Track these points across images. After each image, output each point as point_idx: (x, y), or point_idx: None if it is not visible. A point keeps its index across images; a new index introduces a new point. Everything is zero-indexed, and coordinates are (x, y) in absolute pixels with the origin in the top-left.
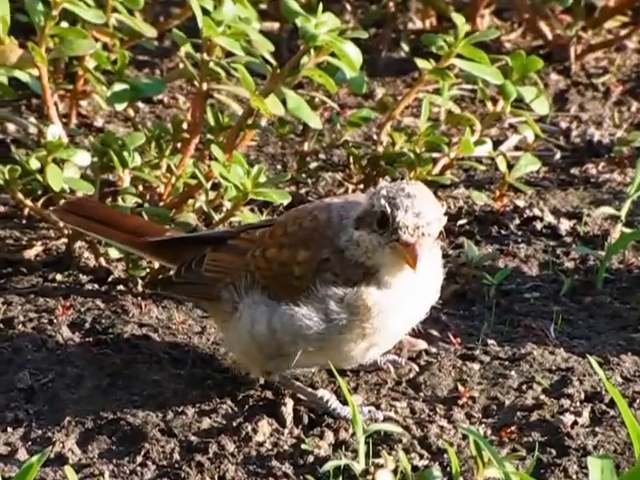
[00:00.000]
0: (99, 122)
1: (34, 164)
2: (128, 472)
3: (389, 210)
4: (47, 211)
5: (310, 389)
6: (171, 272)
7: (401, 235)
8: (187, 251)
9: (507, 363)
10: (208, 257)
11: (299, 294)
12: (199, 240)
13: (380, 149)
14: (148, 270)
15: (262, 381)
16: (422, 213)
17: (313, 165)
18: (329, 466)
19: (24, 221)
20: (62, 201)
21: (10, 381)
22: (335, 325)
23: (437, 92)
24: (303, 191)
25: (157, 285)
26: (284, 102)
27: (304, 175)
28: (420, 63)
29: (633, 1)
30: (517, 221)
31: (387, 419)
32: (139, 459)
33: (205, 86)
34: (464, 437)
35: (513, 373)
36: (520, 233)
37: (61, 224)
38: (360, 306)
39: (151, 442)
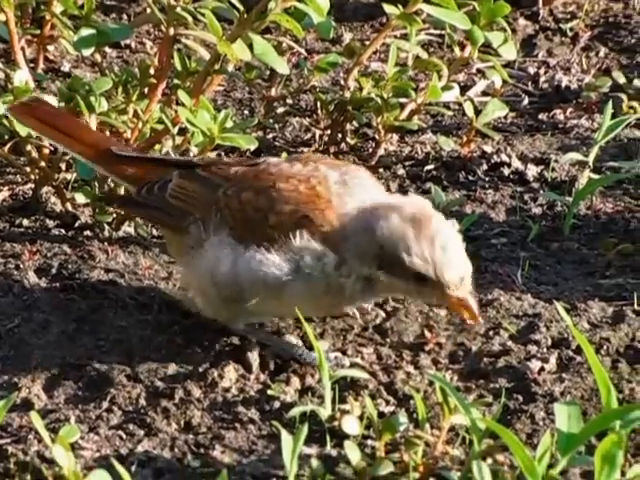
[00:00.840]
0: (66, 67)
1: (0, 109)
2: (94, 417)
3: (431, 272)
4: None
5: (275, 336)
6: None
7: (451, 292)
8: (150, 172)
9: None
10: (175, 183)
11: (270, 241)
12: (164, 163)
13: (347, 94)
14: (115, 216)
15: (228, 328)
16: (461, 264)
17: (280, 110)
18: (295, 412)
19: None
20: (18, 101)
21: None
22: (304, 279)
23: (405, 37)
24: (270, 136)
25: (114, 201)
26: (251, 47)
27: (271, 120)
28: (388, 8)
29: None
30: (484, 167)
31: (353, 365)
32: (105, 404)
33: (172, 31)
34: (430, 383)
35: (480, 319)
36: (487, 179)
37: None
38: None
39: (117, 387)
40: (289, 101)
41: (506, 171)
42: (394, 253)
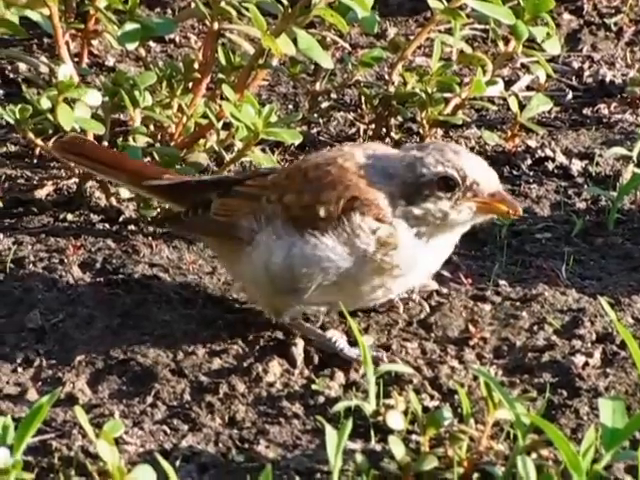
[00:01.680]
0: (110, 62)
1: (45, 103)
2: (138, 412)
3: (453, 172)
4: (50, 148)
5: (319, 330)
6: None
7: (482, 189)
8: (190, 194)
9: (518, 304)
10: (215, 203)
11: (322, 229)
12: (200, 184)
13: (392, 89)
14: (159, 210)
15: (273, 321)
16: (482, 163)
17: (325, 105)
18: (340, 407)
19: (35, 161)
20: (55, 139)
21: (20, 321)
22: (360, 258)
23: (449, 32)
24: (314, 131)
25: (165, 222)
26: (295, 42)
27: (316, 115)
28: (432, 3)
29: None
30: (529, 161)
31: (391, 361)
32: (149, 399)
33: (216, 25)
34: (475, 378)
35: (524, 314)
36: (532, 173)
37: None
38: (391, 242)
39: (161, 382)
40: (333, 96)
41: (550, 166)
42: (413, 175)
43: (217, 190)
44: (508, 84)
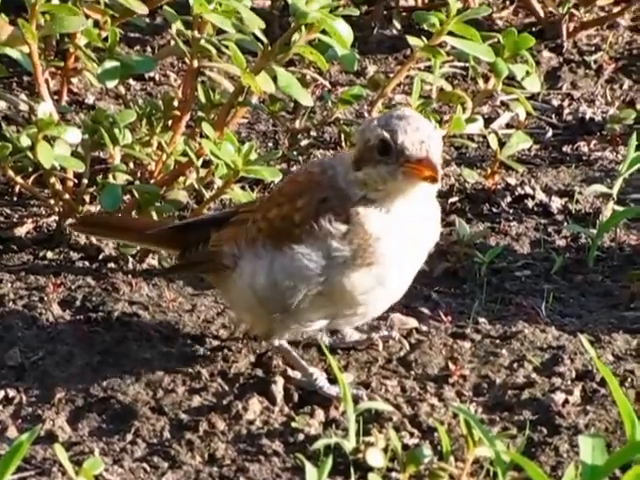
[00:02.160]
0: (90, 99)
1: (25, 141)
2: (118, 450)
3: (387, 135)
4: (67, 225)
5: (303, 362)
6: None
7: (410, 153)
8: (192, 236)
9: (498, 341)
10: (213, 237)
11: (300, 236)
12: (203, 224)
13: None
14: (139, 248)
15: (253, 359)
16: (420, 128)
17: (304, 142)
18: (319, 444)
19: (15, 198)
20: (77, 217)
21: (0, 358)
22: (337, 262)
23: (429, 69)
24: (294, 169)
25: (171, 271)
26: (275, 79)
27: (295, 152)
28: (412, 40)
29: None
30: (509, 199)
31: (371, 399)
32: (129, 437)
33: (196, 63)
34: (455, 415)
35: (504, 351)
36: (512, 211)
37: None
38: (360, 233)
39: (141, 420)
40: (313, 133)
41: (530, 203)
42: (362, 141)
43: (216, 226)
44: (488, 122)
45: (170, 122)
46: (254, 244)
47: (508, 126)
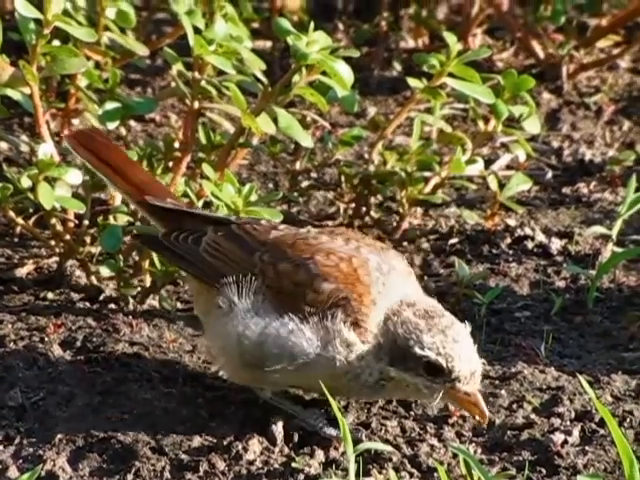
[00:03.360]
0: None
1: (25, 182)
2: None
3: (443, 363)
4: (62, 140)
5: (299, 407)
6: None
7: (461, 386)
8: (186, 222)
9: (497, 382)
10: (209, 237)
11: (304, 315)
12: (199, 217)
13: (372, 168)
14: (139, 289)
15: (253, 398)
16: (473, 358)
17: (305, 184)
18: None
19: (15, 239)
20: (74, 128)
21: (1, 399)
22: (327, 357)
23: (429, 111)
24: (295, 210)
25: (146, 240)
26: (276, 121)
27: (296, 194)
28: (412, 82)
29: (625, 20)
30: (508, 240)
31: (371, 440)
32: (130, 477)
33: (197, 104)
34: (454, 456)
35: (503, 392)
36: (511, 252)
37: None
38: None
39: (142, 460)
40: (313, 174)
41: (530, 244)
42: (406, 345)
43: (214, 225)
44: (488, 163)
45: (171, 163)
46: (256, 296)
47: (508, 167)
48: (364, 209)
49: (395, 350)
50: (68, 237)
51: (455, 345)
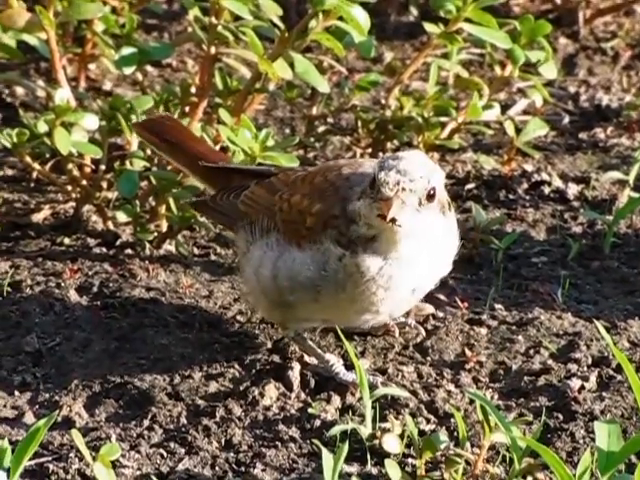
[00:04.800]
0: (107, 86)
1: (42, 127)
2: (135, 436)
3: (376, 170)
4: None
5: (319, 350)
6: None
7: (382, 191)
8: (234, 180)
9: (514, 328)
10: (249, 189)
11: (306, 242)
12: (248, 173)
13: (388, 113)
14: (156, 234)
15: (269, 345)
16: (406, 171)
17: (321, 129)
18: (336, 430)
19: (32, 184)
20: (144, 118)
21: (17, 344)
22: (329, 281)
23: (445, 56)
24: (311, 155)
25: (195, 205)
26: (292, 66)
27: (312, 139)
28: (428, 27)
29: None
30: (525, 185)
31: (387, 385)
32: (146, 423)
33: (213, 50)
34: (471, 402)
35: (520, 338)
36: (528, 197)
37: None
38: (354, 272)
39: (158, 406)
40: (330, 120)
41: (547, 190)
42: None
43: (258, 178)
44: (504, 108)
45: (187, 108)
46: (268, 234)
47: (525, 113)
48: (381, 154)
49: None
50: (84, 182)
51: (396, 160)
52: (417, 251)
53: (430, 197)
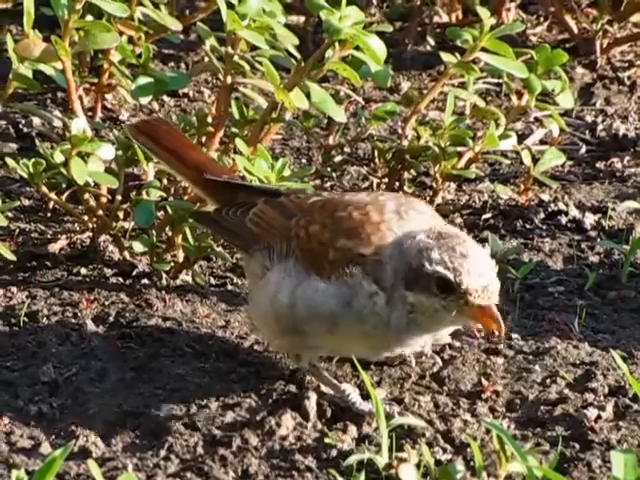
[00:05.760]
0: (124, 116)
1: (58, 157)
2: (151, 466)
3: (451, 276)
4: (124, 127)
5: (335, 381)
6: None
7: (473, 300)
8: (239, 196)
9: (531, 357)
10: (258, 208)
11: (327, 274)
12: (254, 190)
13: (405, 143)
14: (172, 264)
15: (286, 375)
16: (484, 272)
17: (338, 159)
18: (352, 460)
19: (49, 214)
20: (138, 118)
21: (34, 374)
22: (352, 315)
23: (462, 86)
24: (328, 185)
25: (196, 216)
26: (309, 96)
27: (329, 169)
28: (445, 57)
29: None
30: (542, 215)
31: (403, 415)
32: (162, 453)
33: (230, 80)
34: (487, 431)
35: (537, 367)
36: (545, 227)
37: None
38: (380, 312)
39: (174, 436)
40: (347, 149)
41: (563, 219)
42: (418, 265)
43: (266, 197)
44: (521, 138)
45: (204, 138)
46: (287, 259)
47: (542, 142)
48: (397, 184)
49: (409, 272)
50: (101, 212)
51: (463, 259)
52: None
53: None
